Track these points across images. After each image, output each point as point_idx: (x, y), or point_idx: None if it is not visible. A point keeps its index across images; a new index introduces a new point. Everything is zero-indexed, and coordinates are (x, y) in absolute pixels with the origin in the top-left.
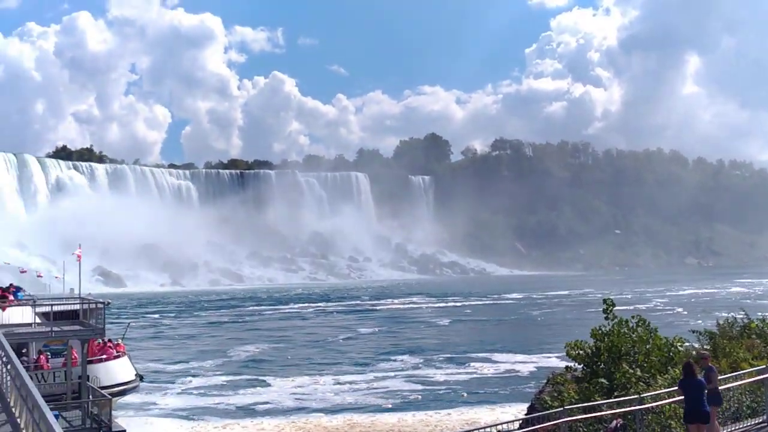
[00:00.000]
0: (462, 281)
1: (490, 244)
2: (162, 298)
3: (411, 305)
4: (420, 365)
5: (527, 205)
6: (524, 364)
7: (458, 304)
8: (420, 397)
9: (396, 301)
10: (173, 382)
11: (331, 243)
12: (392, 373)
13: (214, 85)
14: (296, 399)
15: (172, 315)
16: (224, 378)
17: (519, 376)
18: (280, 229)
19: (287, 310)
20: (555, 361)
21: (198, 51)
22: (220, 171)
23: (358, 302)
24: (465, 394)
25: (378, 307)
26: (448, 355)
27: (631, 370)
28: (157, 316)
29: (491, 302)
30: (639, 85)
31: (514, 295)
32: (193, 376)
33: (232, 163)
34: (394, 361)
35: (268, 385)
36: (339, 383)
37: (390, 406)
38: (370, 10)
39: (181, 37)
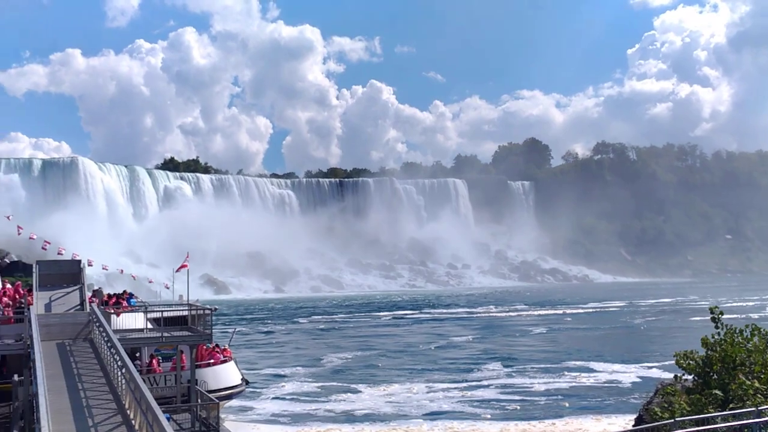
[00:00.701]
0: (564, 288)
1: (593, 250)
2: (264, 305)
3: (509, 313)
4: (516, 374)
5: (632, 209)
6: (625, 374)
7: (558, 312)
8: (519, 406)
9: (494, 308)
10: (268, 387)
11: (430, 250)
12: (486, 382)
13: (314, 95)
14: (392, 405)
15: (272, 321)
16: (318, 384)
17: (621, 386)
18: (379, 237)
19: (384, 317)
20: (657, 372)
21: (297, 62)
22: (320, 180)
23: (455, 310)
24: (567, 404)
25: (475, 315)
26: (546, 365)
27: (748, 382)
28: (258, 322)
29: (592, 310)
30: (751, 83)
31: (617, 303)
32: (288, 381)
33: (332, 172)
34: (490, 369)
35: (361, 391)
36: (433, 391)
37: (489, 416)
38: (465, 16)
39: (281, 49)
